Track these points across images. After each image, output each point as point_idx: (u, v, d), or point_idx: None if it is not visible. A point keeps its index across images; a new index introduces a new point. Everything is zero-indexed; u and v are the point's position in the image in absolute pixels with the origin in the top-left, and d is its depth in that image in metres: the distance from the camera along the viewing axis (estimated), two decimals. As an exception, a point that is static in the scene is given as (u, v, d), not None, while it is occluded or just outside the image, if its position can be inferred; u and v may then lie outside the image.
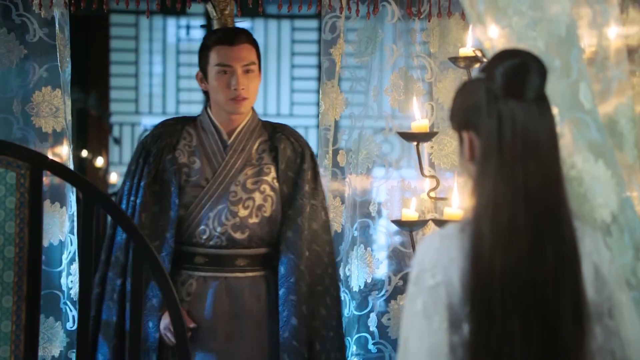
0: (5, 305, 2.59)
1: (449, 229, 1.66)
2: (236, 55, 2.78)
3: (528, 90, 1.61)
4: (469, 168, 1.67)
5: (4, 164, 2.61)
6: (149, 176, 2.81)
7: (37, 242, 2.62)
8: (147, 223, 2.77)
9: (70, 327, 3.08)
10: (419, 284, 1.61)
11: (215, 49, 2.80)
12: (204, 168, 2.81)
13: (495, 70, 1.63)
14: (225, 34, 2.84)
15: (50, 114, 3.13)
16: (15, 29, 3.10)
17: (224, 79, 2.78)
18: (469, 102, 1.66)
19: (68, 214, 3.06)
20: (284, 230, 2.79)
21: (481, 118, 1.63)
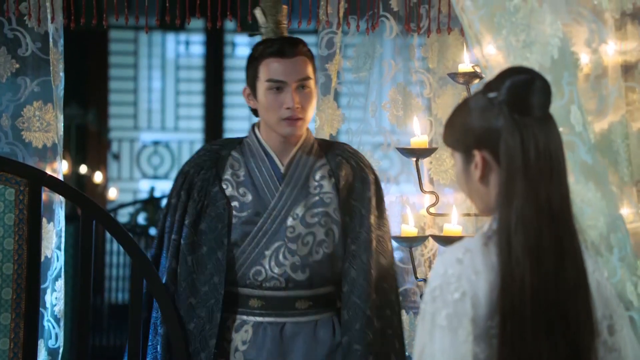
0: (2, 323, 2.58)
1: (470, 243, 1.67)
2: (290, 69, 2.46)
3: (543, 108, 1.65)
4: (477, 188, 1.69)
5: (3, 181, 2.61)
6: (194, 213, 2.51)
7: (36, 259, 2.62)
8: (194, 266, 2.49)
9: (52, 345, 3.06)
10: (441, 297, 1.62)
11: (265, 62, 2.48)
12: (256, 201, 2.49)
13: (508, 88, 1.65)
14: (278, 45, 2.49)
15: (41, 129, 3.12)
16: (7, 43, 3.10)
17: (276, 97, 2.46)
18: (482, 121, 1.67)
19: (55, 229, 3.05)
20: (347, 267, 2.46)
21: (501, 138, 1.64)
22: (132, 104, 9.68)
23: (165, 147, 9.71)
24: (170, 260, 2.52)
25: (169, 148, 9.71)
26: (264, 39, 2.65)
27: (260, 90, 2.49)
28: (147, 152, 9.72)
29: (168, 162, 9.72)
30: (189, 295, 2.49)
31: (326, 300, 2.51)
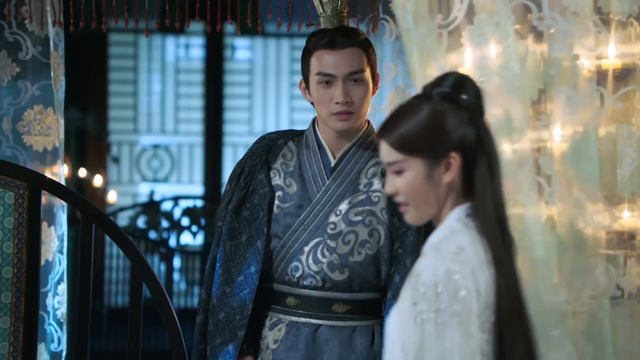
0: (2, 327, 2.58)
1: (459, 239, 1.69)
2: (339, 62, 2.34)
3: (485, 108, 1.73)
4: (437, 192, 1.71)
5: (2, 184, 2.61)
6: (237, 199, 2.43)
7: (35, 262, 2.61)
8: (231, 254, 2.40)
9: (54, 349, 3.05)
10: (446, 295, 1.63)
11: (316, 54, 2.37)
12: (301, 193, 2.39)
13: (474, 92, 1.70)
14: (329, 36, 2.37)
15: (41, 133, 3.12)
16: (8, 47, 3.10)
17: (326, 91, 2.35)
18: (457, 123, 1.70)
19: (57, 233, 3.04)
20: (392, 273, 2.33)
21: (478, 138, 1.70)
22: (131, 108, 9.68)
23: (165, 150, 9.72)
24: (214, 247, 2.46)
25: (168, 151, 9.72)
26: (318, 30, 2.52)
27: (312, 84, 2.39)
28: (146, 155, 9.73)
29: (168, 166, 9.73)
30: (223, 283, 2.40)
31: (367, 306, 2.37)
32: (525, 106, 2.10)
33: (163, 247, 7.95)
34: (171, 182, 9.74)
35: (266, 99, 9.80)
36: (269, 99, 9.81)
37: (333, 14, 2.56)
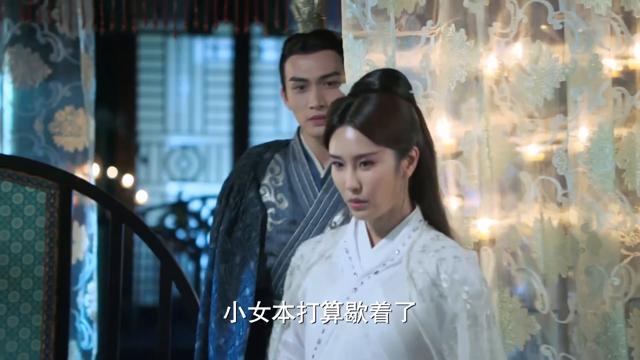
0: (34, 324, 2.62)
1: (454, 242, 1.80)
2: (312, 65, 2.27)
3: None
4: (399, 185, 1.76)
5: (34, 184, 2.65)
6: (228, 220, 2.34)
7: (66, 261, 2.66)
8: (226, 276, 2.32)
9: (85, 346, 3.10)
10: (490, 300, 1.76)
11: (290, 59, 2.31)
12: (293, 208, 2.31)
13: (399, 84, 1.77)
14: (301, 40, 2.32)
15: (72, 133, 3.17)
16: (40, 49, 3.15)
17: (301, 96, 2.28)
18: (413, 118, 1.78)
19: (87, 232, 3.09)
20: None
21: (426, 132, 1.79)
22: (160, 108, 9.75)
23: (193, 150, 9.78)
24: (208, 270, 2.39)
25: (196, 151, 9.78)
26: (293, 35, 2.45)
27: (288, 90, 2.33)
28: (175, 155, 9.79)
29: (196, 166, 9.78)
30: (220, 307, 2.33)
31: None
32: (542, 107, 2.10)
33: (191, 246, 8.01)
34: (199, 182, 9.79)
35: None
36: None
37: (309, 18, 2.48)
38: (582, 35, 2.07)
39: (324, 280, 1.80)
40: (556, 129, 2.11)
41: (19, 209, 2.63)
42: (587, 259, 2.08)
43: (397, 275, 1.74)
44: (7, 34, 3.15)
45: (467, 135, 2.14)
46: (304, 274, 1.83)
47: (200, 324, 2.37)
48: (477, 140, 2.13)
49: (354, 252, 1.79)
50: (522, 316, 2.12)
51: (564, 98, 2.11)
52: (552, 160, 2.11)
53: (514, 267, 2.12)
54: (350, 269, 1.78)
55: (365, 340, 1.71)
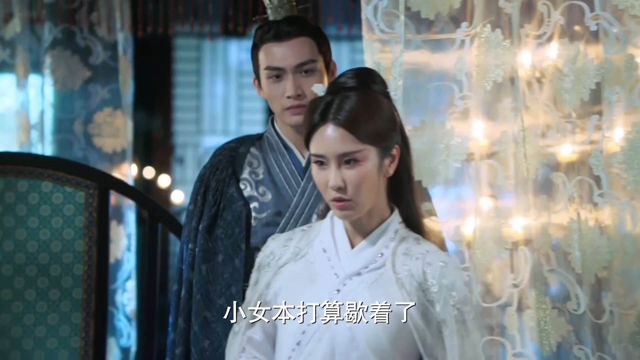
0: (74, 322, 2.67)
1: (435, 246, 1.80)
2: (287, 53, 2.18)
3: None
4: (380, 184, 1.75)
5: (74, 184, 2.70)
6: (208, 218, 2.25)
7: (105, 260, 2.70)
8: (209, 276, 2.24)
9: (124, 344, 3.14)
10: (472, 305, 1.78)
11: (263, 48, 2.22)
12: (276, 199, 2.23)
13: (375, 81, 1.75)
14: (273, 28, 2.21)
15: (111, 135, 3.21)
16: (79, 52, 3.20)
17: (276, 85, 2.19)
18: (395, 117, 1.76)
19: (125, 232, 3.13)
20: None
21: (404, 132, 1.79)
22: (195, 110, 9.82)
23: (227, 151, 9.83)
24: (187, 271, 2.28)
25: (231, 152, 9.84)
26: (264, 22, 2.30)
27: (262, 80, 2.23)
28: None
29: (230, 166, 9.85)
30: (203, 309, 2.23)
31: None
32: (578, 107, 2.10)
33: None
34: (234, 182, 9.84)
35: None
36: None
37: (280, 4, 2.30)
38: (617, 36, 2.07)
39: (301, 281, 1.75)
40: (591, 130, 2.11)
41: (58, 208, 2.67)
42: (622, 259, 2.08)
43: (383, 278, 1.72)
44: (48, 37, 3.21)
45: (503, 135, 2.14)
46: (275, 273, 1.78)
47: (181, 328, 2.26)
48: (513, 140, 2.13)
49: (333, 252, 1.76)
50: (554, 317, 2.12)
51: (599, 98, 2.11)
52: (588, 160, 2.11)
53: (546, 268, 2.13)
54: (329, 270, 1.75)
55: (352, 343, 1.68)
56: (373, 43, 2.14)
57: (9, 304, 2.62)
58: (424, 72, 2.15)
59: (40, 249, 2.65)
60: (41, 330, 2.65)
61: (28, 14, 3.16)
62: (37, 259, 2.65)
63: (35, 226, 2.66)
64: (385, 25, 2.13)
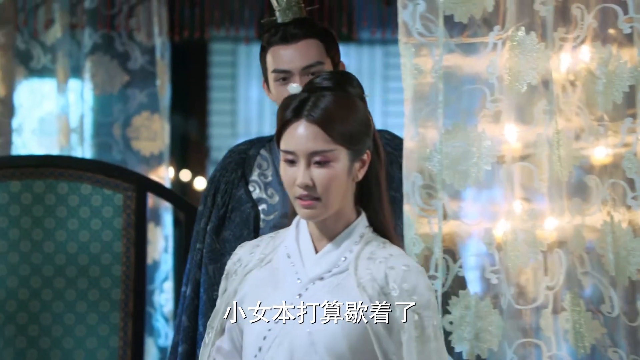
0: (113, 322, 2.71)
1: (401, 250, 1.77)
2: (294, 55, 2.15)
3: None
4: (348, 188, 1.71)
5: (112, 187, 2.74)
6: (217, 219, 2.24)
7: (142, 261, 2.75)
8: (215, 277, 2.20)
9: (162, 343, 3.18)
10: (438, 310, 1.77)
11: (270, 50, 2.18)
12: (283, 202, 2.20)
13: (352, 84, 1.72)
14: (280, 30, 2.18)
15: (148, 138, 3.26)
16: (118, 57, 3.26)
17: (284, 88, 2.12)
18: (366, 119, 1.73)
19: (163, 233, 3.16)
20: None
21: (373, 135, 1.74)
22: (230, 113, 9.88)
23: (262, 154, 9.87)
24: (194, 271, 2.26)
25: (265, 155, 9.88)
26: (272, 25, 2.27)
27: (270, 83, 2.19)
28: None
29: (265, 170, 9.89)
30: (209, 309, 2.18)
31: None
32: (611, 110, 2.10)
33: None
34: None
35: (361, 103, 9.83)
36: (364, 104, 9.84)
37: (288, 6, 2.25)
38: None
39: (265, 286, 1.73)
40: (625, 132, 2.11)
41: (97, 210, 2.72)
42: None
43: (345, 283, 1.69)
44: (88, 43, 3.27)
45: (539, 138, 2.14)
46: (242, 279, 1.75)
47: (185, 326, 2.25)
48: (547, 142, 2.13)
49: (297, 257, 1.72)
50: (589, 319, 2.11)
51: (633, 101, 2.10)
52: (621, 163, 2.10)
53: (580, 270, 2.12)
54: (293, 275, 1.72)
55: (312, 347, 1.66)
56: (410, 47, 2.15)
57: (50, 304, 2.67)
58: (457, 75, 2.16)
59: (80, 250, 2.69)
60: (81, 329, 2.69)
61: (69, 20, 3.22)
62: (77, 260, 2.69)
63: (75, 228, 2.70)
64: (423, 29, 2.14)
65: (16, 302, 2.66)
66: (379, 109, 10.02)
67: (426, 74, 2.14)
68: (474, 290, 2.19)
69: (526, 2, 2.11)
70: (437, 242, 2.16)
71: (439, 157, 2.15)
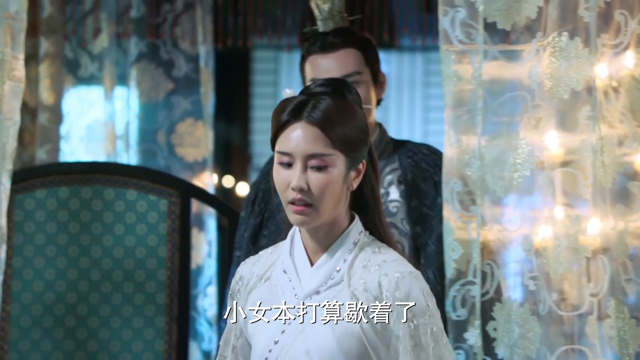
0: (158, 326, 2.74)
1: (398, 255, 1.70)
2: (332, 65, 2.17)
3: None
4: (343, 195, 1.66)
5: (157, 192, 2.77)
6: (252, 227, 2.27)
7: (187, 265, 2.78)
8: None
9: (205, 347, 3.20)
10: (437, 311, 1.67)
11: (309, 59, 2.21)
12: None
13: (350, 90, 1.67)
14: (319, 39, 2.19)
15: (192, 144, 3.30)
16: (163, 65, 3.31)
17: None
18: (365, 127, 1.67)
19: (207, 239, 3.19)
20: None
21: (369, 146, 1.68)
22: (272, 120, 9.94)
23: (304, 161, 9.87)
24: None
25: (307, 162, 9.88)
26: (312, 34, 2.28)
27: None
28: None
29: (306, 176, 9.89)
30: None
31: None
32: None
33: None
34: (309, 192, 9.87)
35: (400, 110, 9.84)
36: (402, 111, 9.85)
37: (329, 16, 2.25)
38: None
39: (265, 304, 1.69)
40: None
41: (143, 216, 2.74)
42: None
43: (340, 295, 1.65)
44: (134, 51, 3.33)
45: (583, 144, 2.13)
46: (245, 298, 1.72)
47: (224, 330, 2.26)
48: (591, 149, 2.12)
49: (293, 272, 1.69)
50: (632, 326, 2.10)
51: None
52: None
53: (623, 277, 2.11)
54: (290, 291, 1.68)
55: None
56: (451, 54, 2.15)
57: (97, 307, 2.70)
58: (499, 82, 2.16)
59: (126, 255, 2.71)
60: (127, 333, 2.72)
61: (115, 29, 3.28)
62: (123, 265, 2.72)
63: (121, 233, 2.73)
64: (463, 36, 2.14)
65: (65, 305, 2.70)
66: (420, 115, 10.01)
67: (466, 80, 2.14)
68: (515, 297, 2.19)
69: (569, 8, 2.11)
70: (475, 248, 2.16)
71: (479, 164, 2.15)
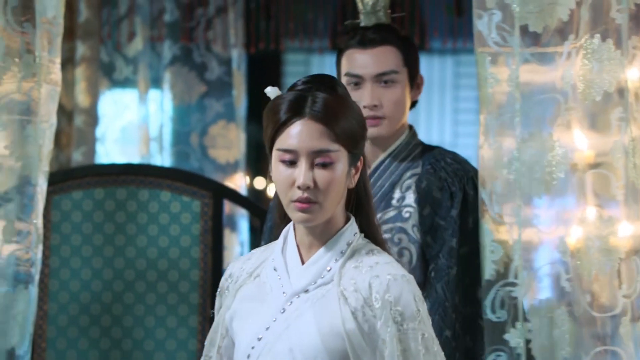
0: (191, 325, 2.77)
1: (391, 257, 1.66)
2: (368, 61, 2.09)
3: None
4: (343, 193, 1.62)
5: (190, 194, 2.81)
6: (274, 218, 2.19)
7: (219, 266, 2.81)
8: None
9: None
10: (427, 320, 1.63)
11: (346, 53, 2.13)
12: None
13: (341, 85, 1.62)
14: (360, 34, 2.12)
15: (224, 146, 3.33)
16: (196, 68, 3.35)
17: (354, 93, 2.03)
18: (363, 121, 1.63)
19: (239, 239, 3.22)
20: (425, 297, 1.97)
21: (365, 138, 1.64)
22: (301, 122, 9.99)
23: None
24: None
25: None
26: (352, 28, 2.20)
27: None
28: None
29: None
30: None
31: None
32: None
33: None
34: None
35: (430, 112, 9.84)
36: (432, 113, 9.85)
37: (372, 10, 2.16)
38: None
39: (253, 302, 1.65)
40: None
41: (176, 217, 2.78)
42: None
43: (329, 294, 1.59)
44: (168, 55, 3.38)
45: (615, 145, 2.13)
46: (234, 296, 1.67)
47: None
48: (623, 150, 2.12)
49: (283, 270, 1.64)
50: (661, 330, 2.09)
51: None
52: None
53: (653, 279, 2.10)
54: (279, 289, 1.63)
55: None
56: (486, 56, 2.16)
57: (132, 307, 2.74)
58: (532, 84, 2.16)
59: (160, 255, 2.75)
60: (161, 332, 2.75)
61: (149, 33, 3.33)
62: (157, 265, 2.75)
63: (154, 234, 2.77)
64: (499, 38, 2.14)
65: (100, 305, 2.74)
66: (450, 117, 10.00)
67: (502, 82, 2.14)
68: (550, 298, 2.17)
69: (601, 10, 2.11)
70: (516, 249, 2.14)
71: (517, 165, 2.15)
